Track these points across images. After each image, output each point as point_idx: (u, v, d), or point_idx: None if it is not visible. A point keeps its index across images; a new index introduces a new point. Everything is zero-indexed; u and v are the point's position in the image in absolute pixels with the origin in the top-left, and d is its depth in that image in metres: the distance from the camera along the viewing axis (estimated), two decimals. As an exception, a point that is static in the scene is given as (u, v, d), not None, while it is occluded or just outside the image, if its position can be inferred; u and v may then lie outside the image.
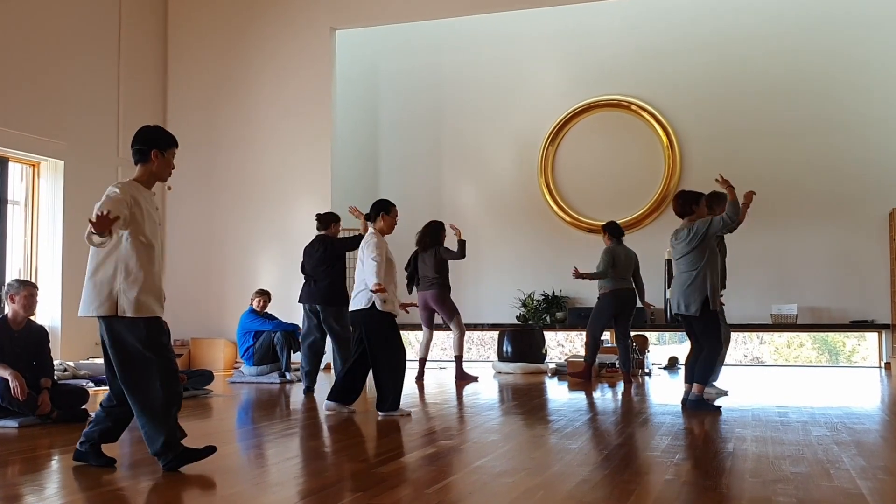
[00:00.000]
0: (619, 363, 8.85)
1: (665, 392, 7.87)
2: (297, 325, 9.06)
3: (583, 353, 9.50)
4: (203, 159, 11.56)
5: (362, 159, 12.51)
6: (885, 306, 10.55)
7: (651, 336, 10.82)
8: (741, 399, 7.16)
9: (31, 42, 9.92)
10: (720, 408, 6.31)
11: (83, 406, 5.94)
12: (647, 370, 9.74)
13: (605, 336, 9.44)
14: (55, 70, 10.21)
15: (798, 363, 14.65)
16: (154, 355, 3.96)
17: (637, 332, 9.76)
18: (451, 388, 8.40)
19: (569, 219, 11.72)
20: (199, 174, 11.48)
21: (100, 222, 3.65)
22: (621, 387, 8.29)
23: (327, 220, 8.19)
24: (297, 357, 8.81)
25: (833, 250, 10.89)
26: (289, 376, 9.07)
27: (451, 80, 12.34)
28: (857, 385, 8.71)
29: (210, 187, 11.76)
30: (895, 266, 10.45)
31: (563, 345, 14.84)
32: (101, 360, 4.22)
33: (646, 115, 11.52)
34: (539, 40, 12.02)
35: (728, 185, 6.40)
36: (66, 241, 10.07)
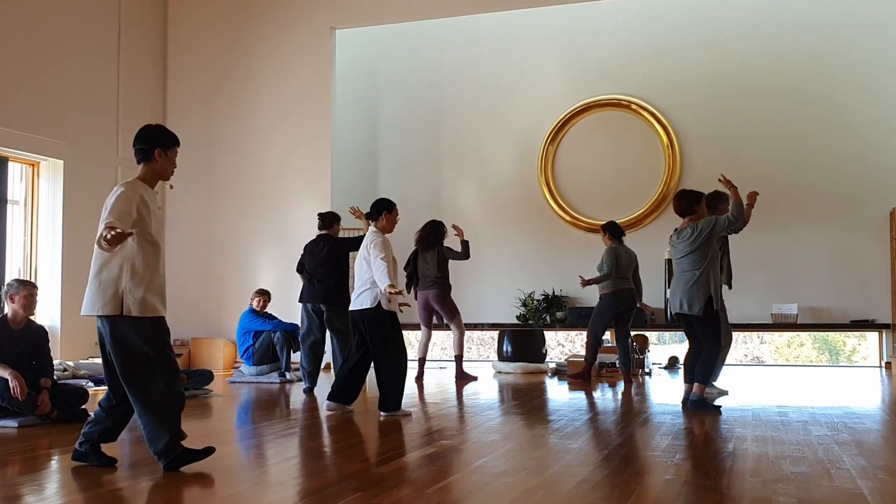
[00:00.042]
0: (619, 363, 8.84)
1: (665, 392, 7.87)
2: (296, 325, 9.04)
3: (583, 352, 9.49)
4: (203, 159, 11.56)
5: (362, 159, 12.51)
6: (885, 306, 10.55)
7: (651, 336, 10.81)
8: (741, 399, 7.16)
9: (31, 42, 9.92)
10: (720, 407, 6.31)
11: (83, 406, 5.94)
12: (647, 370, 9.73)
13: (605, 336, 9.43)
14: (55, 70, 10.20)
15: (798, 363, 14.63)
16: (156, 355, 3.96)
17: (637, 331, 9.75)
18: (451, 388, 8.40)
19: (569, 218, 11.71)
20: (198, 174, 11.46)
21: (116, 239, 3.64)
22: (621, 387, 8.28)
23: (330, 220, 8.20)
24: (296, 357, 8.81)
25: (833, 250, 10.89)
26: (289, 376, 9.07)
27: (451, 79, 12.33)
28: (858, 385, 8.70)
29: (210, 187, 11.76)
30: (895, 266, 10.46)
31: (563, 344, 14.83)
32: (101, 360, 4.20)
33: (646, 114, 11.51)
34: (539, 40, 12.01)
35: (731, 185, 6.40)
36: (65, 240, 10.07)
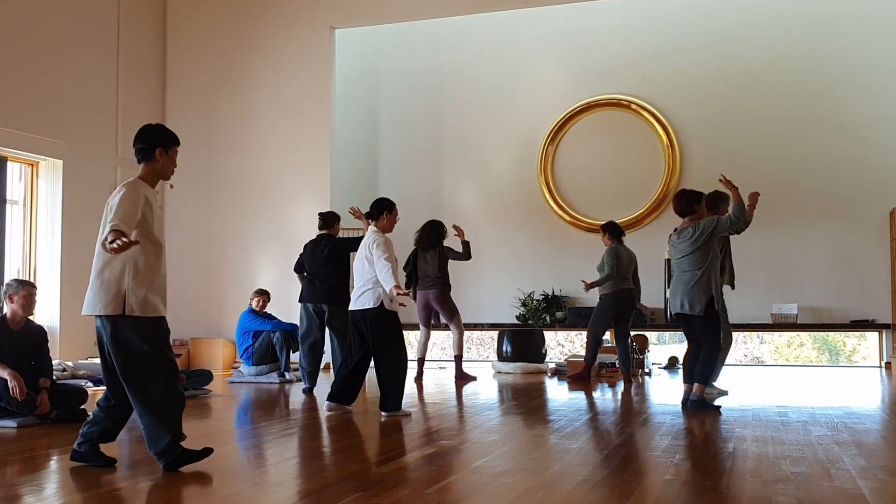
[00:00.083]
0: (618, 363, 8.84)
1: (665, 392, 7.86)
2: (296, 325, 9.03)
3: (582, 353, 9.48)
4: (202, 159, 11.55)
5: (362, 159, 12.50)
6: (885, 306, 10.54)
7: (651, 336, 10.80)
8: (741, 399, 7.15)
9: (31, 42, 9.91)
10: (720, 408, 6.30)
11: (82, 406, 5.94)
12: (647, 370, 9.73)
13: (605, 336, 9.42)
14: (54, 70, 10.20)
15: (798, 363, 14.63)
16: (156, 355, 3.96)
17: (637, 331, 9.74)
18: (451, 388, 8.39)
19: (568, 218, 11.70)
20: (198, 174, 11.46)
21: (122, 248, 3.64)
22: (621, 387, 8.28)
23: (331, 220, 8.20)
24: (295, 357, 8.80)
25: (833, 250, 10.88)
26: (288, 376, 9.06)
27: (450, 79, 12.32)
28: (858, 385, 8.70)
29: (209, 187, 11.75)
30: (895, 266, 10.45)
31: (563, 345, 14.82)
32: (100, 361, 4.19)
33: (646, 114, 11.51)
34: (539, 39, 12.00)
35: (731, 185, 6.40)
36: (64, 240, 10.06)
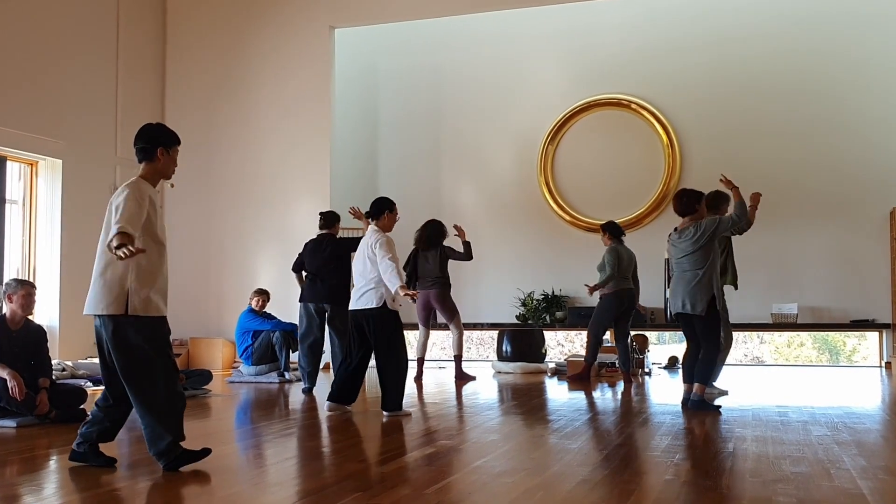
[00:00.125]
0: (618, 363, 8.83)
1: (665, 392, 7.86)
2: (295, 325, 9.03)
3: (582, 352, 9.48)
4: (202, 159, 11.54)
5: (361, 159, 12.49)
6: (885, 306, 10.54)
7: (651, 336, 10.80)
8: (741, 399, 7.15)
9: (30, 42, 9.90)
10: (720, 408, 6.30)
11: (81, 406, 5.93)
12: (646, 370, 9.72)
13: (605, 336, 9.42)
14: (54, 69, 10.19)
15: (798, 363, 14.63)
16: (157, 354, 3.96)
17: (637, 331, 9.74)
18: (451, 388, 8.39)
19: (568, 218, 11.70)
20: (198, 174, 11.44)
21: (130, 256, 3.64)
22: (621, 387, 8.28)
23: (332, 219, 8.21)
24: (295, 357, 8.79)
25: (833, 250, 10.88)
26: (288, 376, 9.06)
27: (450, 79, 12.32)
28: (858, 385, 8.70)
29: (209, 187, 11.74)
30: (895, 266, 10.45)
31: (563, 344, 14.82)
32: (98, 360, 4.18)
33: (646, 114, 11.50)
34: (539, 39, 12.00)
35: (732, 185, 6.39)
36: (64, 240, 10.05)
